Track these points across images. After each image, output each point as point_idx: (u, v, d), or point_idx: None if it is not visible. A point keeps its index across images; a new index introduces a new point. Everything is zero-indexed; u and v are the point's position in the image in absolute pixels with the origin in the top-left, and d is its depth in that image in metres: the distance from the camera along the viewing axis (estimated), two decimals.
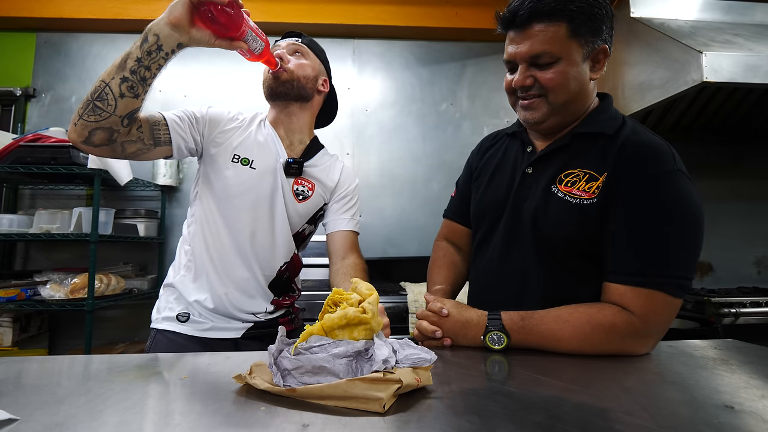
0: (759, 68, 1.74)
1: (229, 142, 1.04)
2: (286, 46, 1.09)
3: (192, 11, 0.79)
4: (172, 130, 0.94)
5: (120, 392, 0.53)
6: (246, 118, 1.09)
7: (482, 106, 2.64)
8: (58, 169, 1.94)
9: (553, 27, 0.76)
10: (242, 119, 1.08)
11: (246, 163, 1.03)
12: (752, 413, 0.48)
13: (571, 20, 0.76)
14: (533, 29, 0.77)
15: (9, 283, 1.94)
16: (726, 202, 2.54)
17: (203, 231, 1.04)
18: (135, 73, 0.79)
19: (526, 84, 0.81)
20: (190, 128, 0.99)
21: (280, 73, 1.03)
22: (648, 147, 0.76)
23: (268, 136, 1.07)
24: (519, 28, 0.79)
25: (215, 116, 1.05)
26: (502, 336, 0.73)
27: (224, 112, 1.07)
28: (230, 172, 1.02)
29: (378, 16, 2.49)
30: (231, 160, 1.02)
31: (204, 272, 1.02)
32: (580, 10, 0.76)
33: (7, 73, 2.42)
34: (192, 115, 1.00)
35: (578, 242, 0.78)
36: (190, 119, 0.99)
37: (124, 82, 0.78)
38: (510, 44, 0.82)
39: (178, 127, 0.96)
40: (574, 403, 0.50)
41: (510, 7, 0.80)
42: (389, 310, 1.77)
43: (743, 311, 1.78)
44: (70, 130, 0.81)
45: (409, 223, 2.53)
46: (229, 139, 1.04)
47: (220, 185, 1.02)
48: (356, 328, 0.53)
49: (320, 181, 1.11)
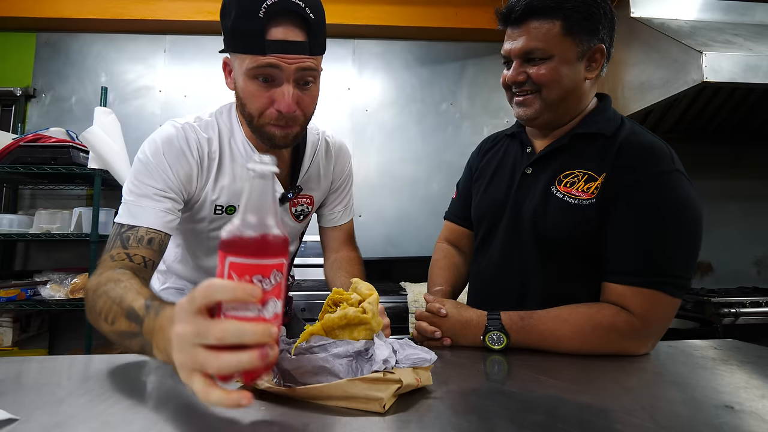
0: (759, 68, 1.74)
1: (206, 193, 0.83)
2: (293, 74, 0.71)
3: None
4: (170, 230, 0.77)
5: (120, 392, 0.52)
6: (215, 147, 0.82)
7: (482, 106, 2.64)
8: (58, 169, 1.94)
9: (548, 24, 0.78)
10: (213, 150, 0.81)
11: (231, 211, 0.86)
12: (752, 413, 0.48)
13: (565, 18, 0.77)
14: (528, 26, 0.79)
15: (9, 283, 1.93)
16: (726, 201, 2.54)
17: (175, 281, 0.98)
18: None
19: (518, 80, 0.82)
20: (177, 211, 0.79)
21: (290, 131, 0.76)
22: (646, 147, 0.76)
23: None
24: (515, 25, 0.81)
25: (186, 176, 0.79)
26: (502, 336, 0.73)
27: (190, 159, 0.79)
28: (215, 224, 0.86)
29: (378, 16, 2.49)
30: (213, 212, 0.85)
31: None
32: (576, 9, 0.77)
33: (7, 73, 2.42)
34: (174, 199, 0.77)
35: (577, 242, 0.78)
36: (175, 203, 0.78)
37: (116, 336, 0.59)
38: (506, 40, 0.84)
39: (172, 224, 0.77)
40: (574, 403, 0.50)
41: (508, 3, 0.82)
42: (389, 310, 1.77)
43: (743, 311, 1.78)
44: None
45: (409, 223, 2.53)
46: (205, 189, 0.82)
47: (204, 240, 0.89)
48: (356, 328, 0.53)
49: (318, 187, 0.98)
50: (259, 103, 0.73)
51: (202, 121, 0.83)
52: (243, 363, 0.37)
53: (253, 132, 0.79)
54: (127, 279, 0.62)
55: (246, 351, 0.37)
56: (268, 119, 0.74)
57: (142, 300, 0.54)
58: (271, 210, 0.41)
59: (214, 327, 0.37)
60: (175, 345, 0.40)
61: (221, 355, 0.37)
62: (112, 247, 0.71)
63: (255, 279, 0.39)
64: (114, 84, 2.45)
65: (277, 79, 0.72)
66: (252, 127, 0.77)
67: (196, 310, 0.39)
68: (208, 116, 0.85)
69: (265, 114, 0.74)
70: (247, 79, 0.72)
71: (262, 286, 0.39)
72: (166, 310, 0.49)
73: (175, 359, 0.41)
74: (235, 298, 0.37)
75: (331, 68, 2.58)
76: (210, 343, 0.37)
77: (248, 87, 0.73)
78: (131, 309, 0.54)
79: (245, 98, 0.74)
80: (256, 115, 0.74)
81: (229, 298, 0.38)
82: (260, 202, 0.40)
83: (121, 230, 0.73)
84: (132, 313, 0.54)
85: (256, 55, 0.69)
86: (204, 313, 0.39)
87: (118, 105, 2.44)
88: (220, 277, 0.39)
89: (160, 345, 0.46)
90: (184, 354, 0.39)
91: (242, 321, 0.38)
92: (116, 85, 2.46)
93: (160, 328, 0.47)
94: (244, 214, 0.40)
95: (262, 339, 0.37)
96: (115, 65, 2.48)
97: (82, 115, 2.38)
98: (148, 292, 0.58)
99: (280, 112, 0.73)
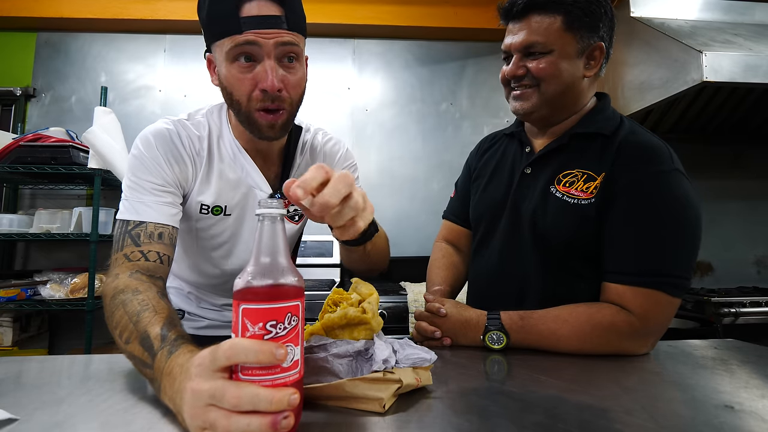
0: (759, 68, 1.74)
1: (194, 192, 0.81)
2: (273, 50, 0.69)
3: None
4: (176, 223, 0.77)
5: (120, 392, 0.53)
6: (205, 145, 0.81)
7: (482, 106, 2.64)
8: (58, 169, 1.94)
9: (549, 18, 0.79)
10: (203, 148, 0.80)
11: (218, 212, 0.83)
12: (752, 413, 0.48)
13: (567, 13, 0.78)
14: (529, 20, 0.80)
15: (9, 282, 1.93)
16: (726, 201, 2.54)
17: (172, 280, 0.99)
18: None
19: (518, 74, 0.82)
20: (179, 204, 0.79)
21: (277, 119, 0.74)
22: (646, 147, 0.76)
23: (241, 170, 0.83)
24: (516, 19, 0.82)
25: (181, 171, 0.78)
26: (502, 335, 0.73)
27: (183, 154, 0.78)
28: (201, 224, 0.84)
29: (378, 16, 2.49)
30: (199, 211, 0.82)
31: (183, 296, 0.99)
32: (577, 5, 0.78)
33: (7, 73, 2.42)
34: (173, 192, 0.77)
35: (577, 242, 0.78)
36: (175, 196, 0.78)
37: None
38: (507, 35, 0.85)
39: (177, 217, 0.77)
40: (574, 403, 0.50)
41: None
42: (389, 310, 1.77)
43: (743, 311, 1.78)
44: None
45: (409, 222, 2.53)
46: (194, 187, 0.81)
47: (193, 239, 0.88)
48: (356, 328, 0.53)
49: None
50: (243, 86, 0.71)
51: (194, 120, 0.82)
52: (252, 430, 0.36)
53: (242, 123, 0.76)
54: (145, 290, 0.61)
55: (258, 416, 0.36)
56: (255, 103, 0.72)
57: (158, 327, 0.53)
58: (282, 252, 0.42)
59: (229, 392, 0.37)
60: (188, 400, 0.40)
61: (232, 417, 0.37)
62: (124, 245, 0.70)
63: (269, 324, 0.39)
64: (114, 84, 2.45)
65: (258, 58, 0.70)
66: (241, 118, 0.75)
67: (216, 369, 0.39)
68: (200, 115, 0.84)
69: (252, 97, 0.71)
70: (228, 65, 0.71)
71: (276, 331, 0.39)
72: (179, 353, 0.47)
73: (185, 413, 0.40)
74: (258, 362, 0.37)
75: (331, 68, 2.58)
76: (224, 407, 0.37)
77: (231, 72, 0.71)
78: (146, 335, 0.53)
79: (230, 86, 0.72)
80: (244, 100, 0.72)
81: (252, 360, 0.37)
82: (271, 244, 0.41)
83: (128, 227, 0.71)
84: (146, 341, 0.52)
85: (233, 35, 0.67)
86: (223, 372, 0.39)
87: (118, 105, 2.44)
88: (235, 327, 0.40)
89: (168, 392, 0.45)
90: (195, 411, 0.39)
91: (259, 387, 0.38)
92: (116, 84, 2.46)
93: (170, 373, 0.45)
94: (257, 258, 0.41)
95: (277, 408, 0.37)
96: (115, 65, 2.48)
97: (82, 115, 2.38)
98: (166, 310, 0.57)
99: (265, 92, 0.70)
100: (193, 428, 0.39)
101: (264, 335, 0.39)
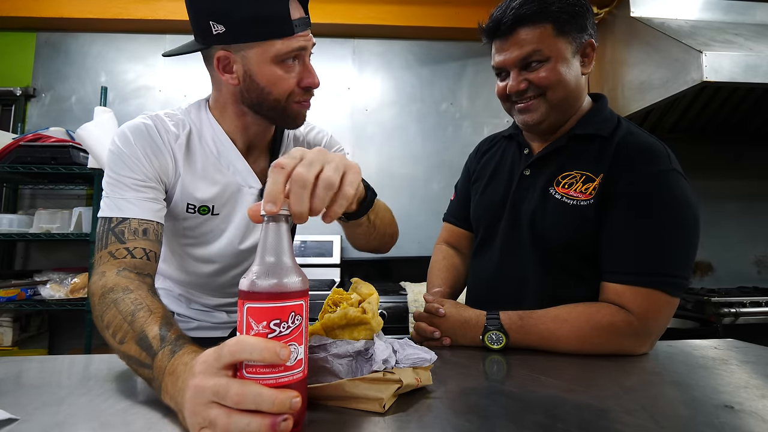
0: (759, 68, 1.74)
1: (177, 190, 0.79)
2: (310, 51, 0.76)
3: None
4: (160, 219, 0.75)
5: (120, 392, 0.53)
6: (183, 141, 0.78)
7: (482, 106, 2.64)
8: (58, 169, 1.94)
9: (539, 29, 0.78)
10: (181, 144, 0.78)
11: (205, 211, 0.82)
12: (752, 413, 0.48)
13: (555, 20, 0.78)
14: (519, 35, 0.79)
15: (9, 282, 1.94)
16: (726, 201, 2.54)
17: (161, 282, 0.97)
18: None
19: (521, 88, 0.82)
20: (162, 200, 0.77)
21: (307, 109, 0.80)
22: (644, 147, 0.76)
23: (228, 168, 0.82)
24: (505, 36, 0.80)
25: (161, 166, 0.76)
26: (501, 335, 0.73)
27: (163, 149, 0.76)
28: (188, 223, 0.82)
29: (378, 16, 2.49)
30: (186, 210, 0.80)
31: (173, 298, 0.98)
32: (562, 10, 0.78)
33: (7, 73, 2.42)
34: (155, 187, 0.75)
35: (576, 243, 0.78)
36: (156, 192, 0.76)
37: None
38: (497, 53, 0.83)
39: (160, 213, 0.75)
40: (574, 403, 0.50)
41: (493, 17, 0.81)
42: (389, 310, 1.77)
43: (743, 311, 1.78)
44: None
45: (409, 222, 2.53)
46: (177, 185, 0.79)
47: (180, 238, 0.86)
48: (356, 328, 0.53)
49: None
50: (287, 84, 0.74)
51: (173, 117, 0.81)
52: (251, 430, 0.36)
53: (269, 117, 0.79)
54: (136, 288, 0.60)
55: (258, 417, 0.36)
56: (294, 97, 0.75)
57: (156, 327, 0.52)
58: (287, 252, 0.42)
59: (233, 389, 0.37)
60: (190, 396, 0.40)
61: (232, 415, 0.37)
62: (108, 243, 0.68)
63: (272, 323, 0.39)
64: (114, 84, 2.45)
65: (301, 58, 0.74)
66: (272, 113, 0.77)
67: (221, 366, 0.39)
68: (180, 113, 0.82)
69: (293, 93, 0.75)
70: (273, 65, 0.72)
71: (279, 330, 0.39)
72: (183, 353, 0.47)
73: (186, 410, 0.40)
74: (262, 359, 0.38)
75: (331, 68, 2.58)
76: (226, 404, 0.37)
77: (273, 71, 0.72)
78: (143, 335, 0.51)
79: (270, 84, 0.73)
80: (283, 98, 0.74)
81: (256, 358, 0.38)
82: (276, 244, 0.42)
83: (111, 225, 0.69)
84: (144, 342, 0.51)
85: (285, 38, 0.70)
86: (228, 370, 0.39)
87: (118, 105, 2.44)
88: (240, 326, 0.40)
89: (170, 391, 0.44)
90: (197, 408, 0.39)
91: (263, 386, 0.38)
92: (116, 84, 2.46)
93: (173, 372, 0.45)
94: (262, 258, 0.41)
95: (279, 410, 0.37)
96: (114, 65, 2.48)
97: (82, 114, 2.38)
98: (160, 309, 0.56)
99: (307, 88, 0.76)
100: (193, 425, 0.39)
101: (268, 334, 0.39)
